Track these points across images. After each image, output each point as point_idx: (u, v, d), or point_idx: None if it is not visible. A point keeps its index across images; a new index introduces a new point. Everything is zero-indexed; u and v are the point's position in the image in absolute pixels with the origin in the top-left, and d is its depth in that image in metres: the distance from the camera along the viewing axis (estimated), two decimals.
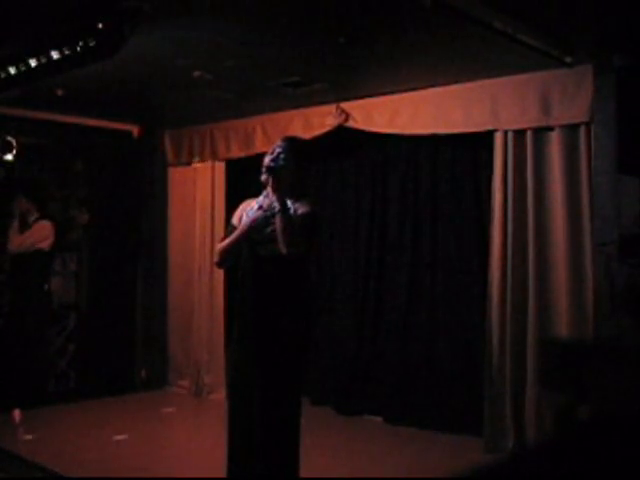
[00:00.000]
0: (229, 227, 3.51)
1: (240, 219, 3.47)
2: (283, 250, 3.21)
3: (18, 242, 5.41)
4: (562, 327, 4.35)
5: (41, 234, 5.44)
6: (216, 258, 3.51)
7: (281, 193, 3.26)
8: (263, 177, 3.35)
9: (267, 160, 3.35)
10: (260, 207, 3.39)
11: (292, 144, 3.44)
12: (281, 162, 3.31)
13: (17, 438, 4.91)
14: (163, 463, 4.47)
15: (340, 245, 5.91)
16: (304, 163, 3.50)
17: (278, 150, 3.37)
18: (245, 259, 3.39)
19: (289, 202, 3.33)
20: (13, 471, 4.29)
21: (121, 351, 6.45)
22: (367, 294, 5.66)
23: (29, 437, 4.92)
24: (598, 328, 4.13)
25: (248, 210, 3.47)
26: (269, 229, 3.32)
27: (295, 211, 3.34)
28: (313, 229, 3.41)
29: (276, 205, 3.24)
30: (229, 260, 3.46)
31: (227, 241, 3.41)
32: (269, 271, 3.32)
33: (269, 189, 3.32)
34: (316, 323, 3.64)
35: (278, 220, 3.23)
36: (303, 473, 3.58)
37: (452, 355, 5.13)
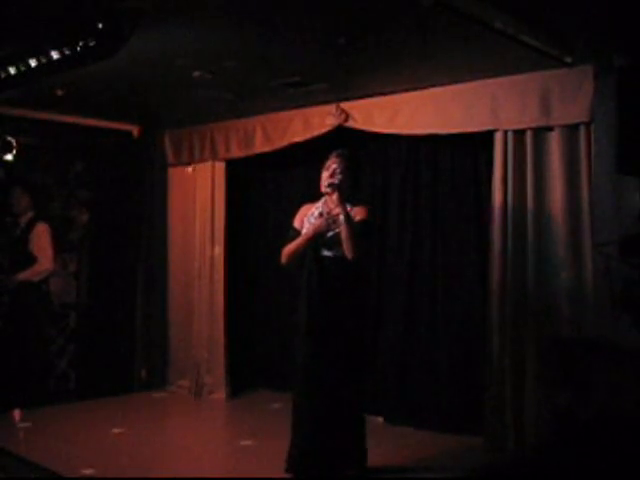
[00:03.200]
0: (291, 231, 3.97)
1: (302, 223, 3.92)
2: (349, 255, 3.68)
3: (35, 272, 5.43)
4: (562, 327, 4.35)
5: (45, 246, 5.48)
6: (283, 260, 3.95)
7: (344, 204, 3.74)
8: (327, 190, 3.85)
9: (326, 177, 3.87)
10: (320, 213, 3.87)
11: (345, 157, 3.90)
12: (340, 176, 3.81)
13: (17, 438, 4.91)
14: (164, 463, 4.47)
15: None
16: (356, 172, 3.95)
17: (334, 167, 3.87)
18: (310, 260, 3.82)
19: (347, 208, 3.77)
20: (13, 471, 4.29)
21: (121, 351, 6.45)
22: (367, 293, 5.65)
23: (29, 437, 4.92)
24: (598, 328, 4.13)
25: (309, 215, 3.93)
26: (331, 233, 3.77)
27: (353, 217, 3.77)
28: (369, 233, 3.91)
29: (339, 215, 3.70)
30: (295, 261, 3.92)
31: (294, 245, 3.89)
32: (333, 271, 3.78)
33: (329, 197, 3.84)
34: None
35: (343, 229, 3.69)
36: None
37: (452, 355, 5.12)
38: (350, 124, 5.25)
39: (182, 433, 5.23)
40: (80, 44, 3.45)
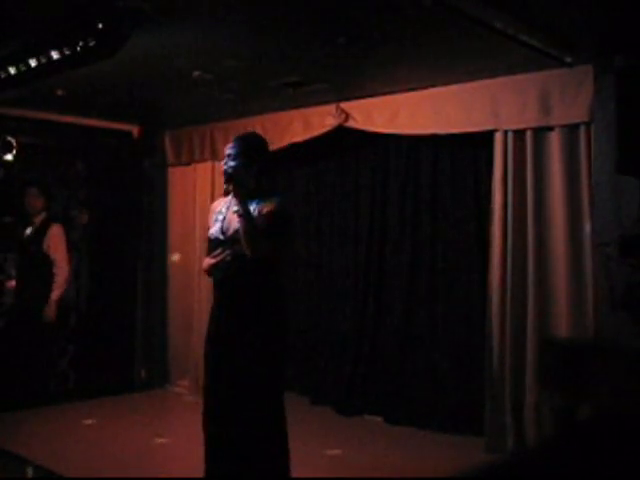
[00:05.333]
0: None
1: (210, 221, 3.51)
2: (247, 253, 3.22)
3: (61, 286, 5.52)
4: (562, 327, 4.35)
5: (61, 246, 5.55)
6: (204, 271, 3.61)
7: (242, 197, 3.25)
8: (225, 184, 3.34)
9: (223, 165, 3.38)
10: (228, 208, 3.41)
11: (241, 140, 3.42)
12: (233, 163, 3.33)
13: (17, 438, 4.91)
14: (163, 463, 4.47)
15: (340, 244, 5.91)
16: (260, 157, 3.42)
17: (227, 152, 3.40)
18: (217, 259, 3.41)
19: (254, 203, 3.32)
20: (13, 471, 4.29)
21: (121, 351, 6.45)
22: (367, 294, 5.66)
23: (29, 437, 4.92)
24: (598, 328, 4.13)
25: (217, 213, 3.48)
26: (233, 231, 3.31)
27: (260, 211, 3.31)
28: (279, 229, 3.33)
29: (238, 209, 3.23)
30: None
31: (208, 267, 3.47)
32: (235, 271, 3.31)
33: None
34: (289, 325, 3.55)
35: (240, 224, 3.22)
36: (302, 473, 3.58)
37: (452, 355, 5.13)
38: (350, 124, 5.25)
39: (182, 433, 5.22)
40: (80, 44, 3.45)
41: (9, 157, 5.62)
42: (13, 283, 5.63)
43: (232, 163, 3.34)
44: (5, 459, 4.41)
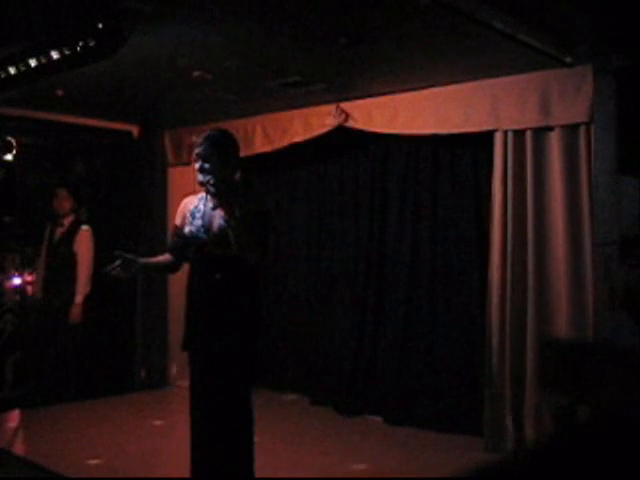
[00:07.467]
0: (177, 230, 3.45)
1: (183, 220, 3.40)
2: (237, 253, 3.10)
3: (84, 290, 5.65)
4: (562, 327, 4.35)
5: (88, 251, 5.70)
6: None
7: (225, 202, 3.11)
8: (205, 189, 3.24)
9: (197, 169, 3.26)
10: (205, 205, 3.33)
11: (212, 139, 3.30)
12: (209, 165, 3.22)
13: (17, 438, 4.91)
14: (163, 463, 4.47)
15: (340, 245, 5.91)
16: (237, 158, 3.36)
17: (201, 153, 3.26)
18: (196, 260, 3.30)
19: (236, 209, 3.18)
20: (13, 471, 4.29)
21: (121, 351, 6.45)
22: (367, 294, 5.66)
23: (29, 437, 4.92)
24: (598, 328, 4.13)
25: (192, 209, 3.39)
26: (217, 229, 3.21)
27: (244, 212, 3.17)
28: (266, 229, 3.26)
29: (229, 218, 3.08)
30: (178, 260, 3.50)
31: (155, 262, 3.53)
32: (223, 272, 3.19)
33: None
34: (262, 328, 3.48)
35: (232, 230, 3.08)
36: (302, 473, 3.58)
37: (452, 355, 5.13)
38: (350, 124, 5.25)
39: (181, 433, 5.22)
40: (80, 44, 3.46)
41: (9, 157, 5.63)
42: (13, 282, 5.65)
43: (207, 165, 3.20)
44: (5, 459, 4.41)
